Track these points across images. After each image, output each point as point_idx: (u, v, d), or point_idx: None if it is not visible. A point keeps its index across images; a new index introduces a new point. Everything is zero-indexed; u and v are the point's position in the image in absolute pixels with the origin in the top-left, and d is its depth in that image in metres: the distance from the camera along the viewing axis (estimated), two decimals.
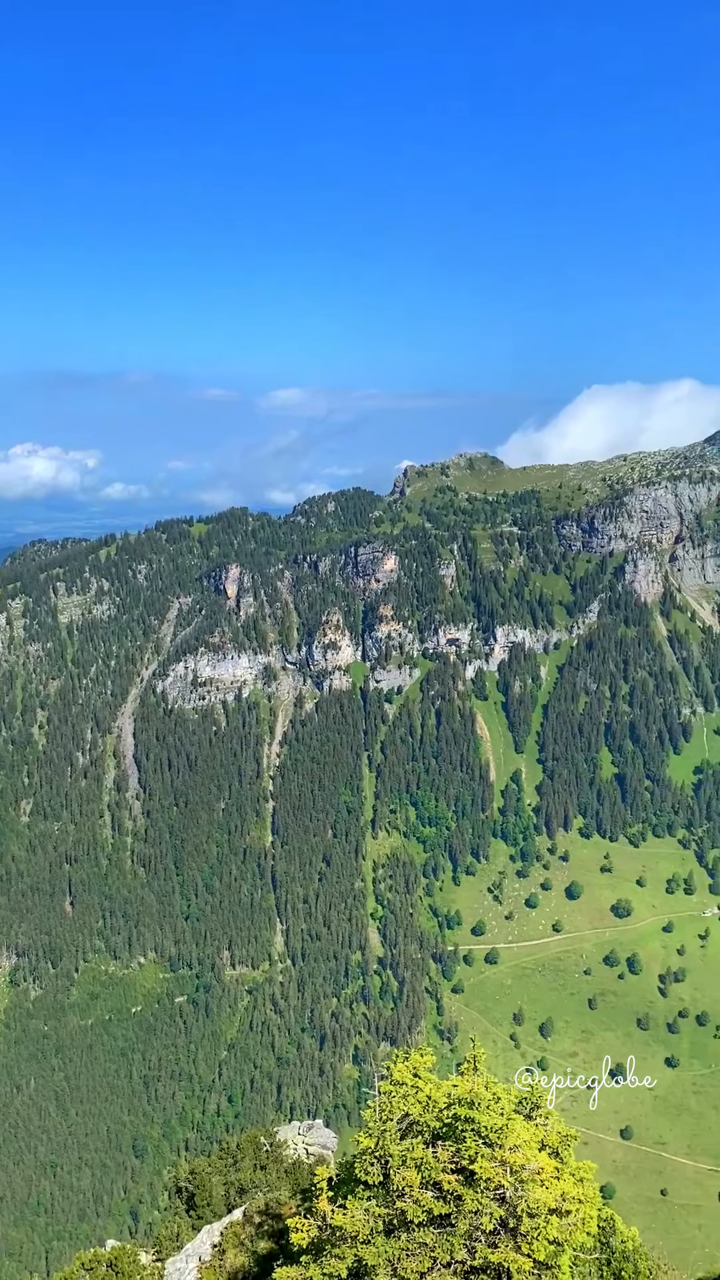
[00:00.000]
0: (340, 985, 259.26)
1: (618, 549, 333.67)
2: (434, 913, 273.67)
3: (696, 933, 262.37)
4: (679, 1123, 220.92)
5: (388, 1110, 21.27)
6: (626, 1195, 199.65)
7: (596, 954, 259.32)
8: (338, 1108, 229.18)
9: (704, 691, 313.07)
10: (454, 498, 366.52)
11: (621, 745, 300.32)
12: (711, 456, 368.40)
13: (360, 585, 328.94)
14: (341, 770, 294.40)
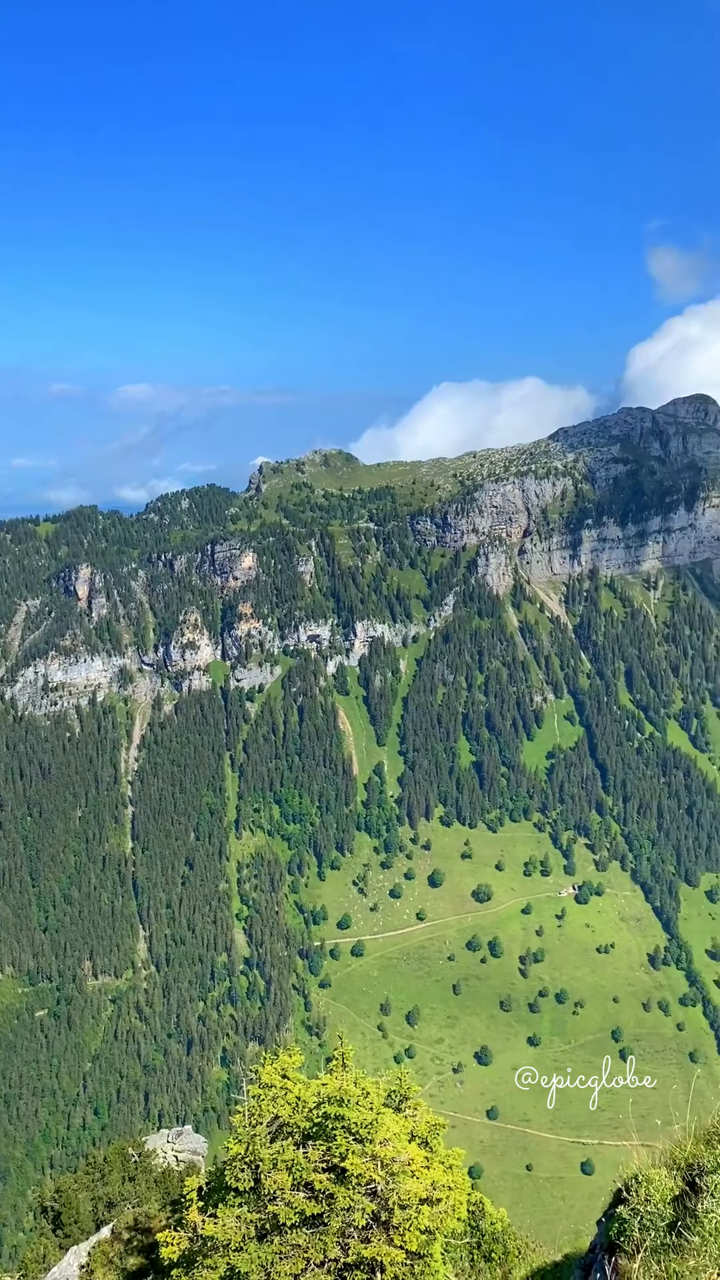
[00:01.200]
0: (207, 988, 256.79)
1: (470, 543, 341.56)
2: (300, 909, 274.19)
3: (553, 913, 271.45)
4: (542, 1099, 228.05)
5: (257, 1114, 21.05)
6: (494, 1173, 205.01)
7: (459, 940, 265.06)
8: (207, 1111, 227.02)
9: (554, 679, 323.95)
10: (310, 494, 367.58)
11: (478, 734, 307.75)
12: (555, 453, 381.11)
13: (218, 583, 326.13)
14: (203, 772, 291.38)
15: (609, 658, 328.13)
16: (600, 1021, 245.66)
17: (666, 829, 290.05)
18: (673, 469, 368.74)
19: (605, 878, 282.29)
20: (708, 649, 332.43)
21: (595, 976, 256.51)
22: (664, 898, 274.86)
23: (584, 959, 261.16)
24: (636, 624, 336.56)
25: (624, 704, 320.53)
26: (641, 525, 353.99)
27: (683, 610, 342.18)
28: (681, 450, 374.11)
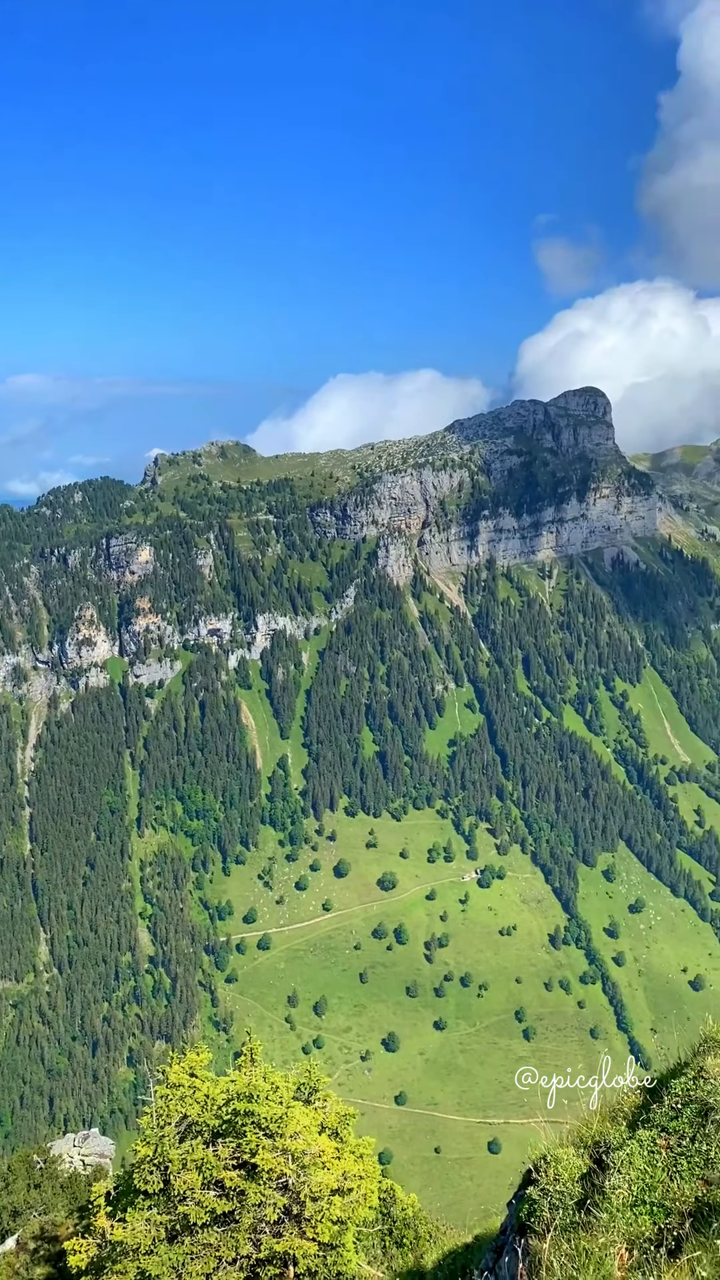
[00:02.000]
0: (111, 988, 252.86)
1: (370, 535, 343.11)
2: (205, 905, 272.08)
3: (457, 898, 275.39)
4: (449, 1082, 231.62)
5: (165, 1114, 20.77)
6: (403, 1158, 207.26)
7: (365, 928, 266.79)
8: (114, 1113, 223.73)
9: (454, 668, 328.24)
10: (208, 486, 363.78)
11: (381, 724, 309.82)
12: (452, 444, 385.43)
13: (114, 578, 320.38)
14: (103, 770, 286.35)
15: (507, 646, 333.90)
16: (504, 1003, 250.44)
17: (564, 811, 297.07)
18: (565, 460, 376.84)
19: (506, 861, 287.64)
20: (600, 635, 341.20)
21: (498, 958, 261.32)
22: (563, 878, 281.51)
23: (487, 942, 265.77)
24: (533, 612, 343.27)
25: (522, 691, 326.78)
26: (536, 516, 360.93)
27: (576, 598, 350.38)
28: (573, 442, 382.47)
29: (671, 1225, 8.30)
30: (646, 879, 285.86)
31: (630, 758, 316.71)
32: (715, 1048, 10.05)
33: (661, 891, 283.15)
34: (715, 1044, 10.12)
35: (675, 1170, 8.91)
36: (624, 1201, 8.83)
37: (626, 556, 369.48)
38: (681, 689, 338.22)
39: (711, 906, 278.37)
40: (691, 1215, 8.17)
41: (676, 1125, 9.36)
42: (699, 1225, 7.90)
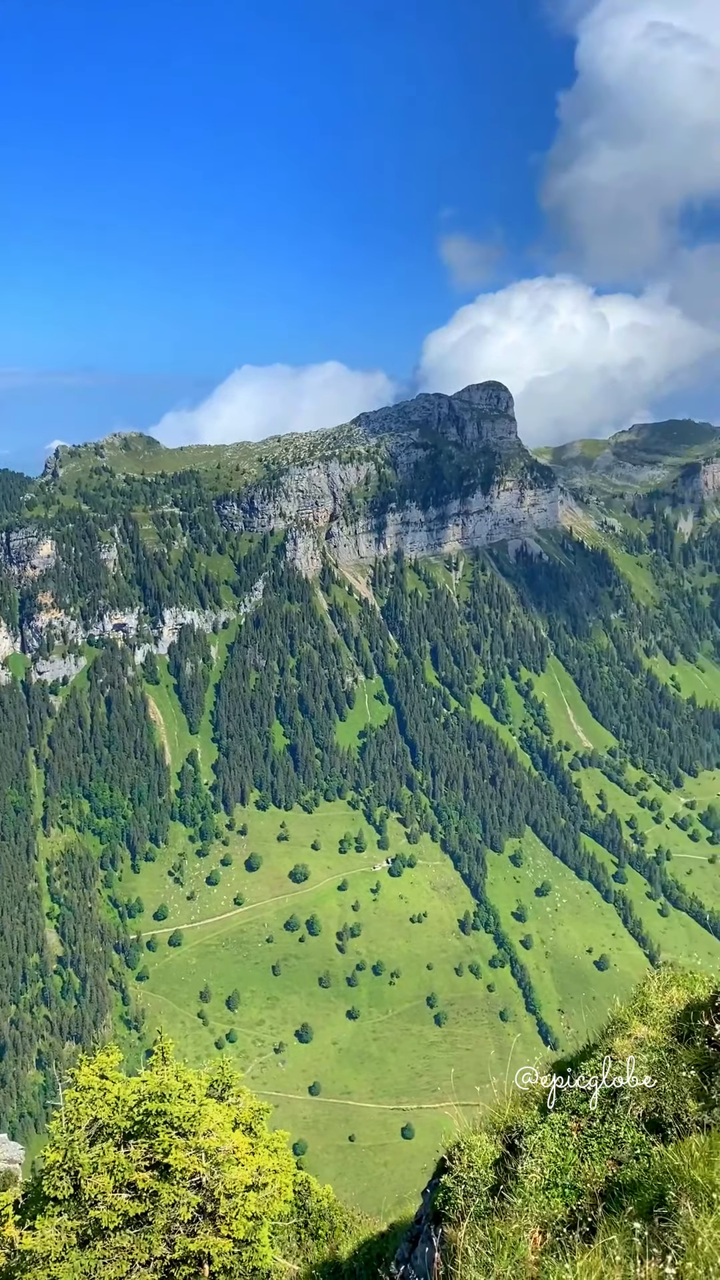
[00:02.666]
0: (19, 991, 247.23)
1: (278, 528, 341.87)
2: (114, 903, 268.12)
3: (369, 888, 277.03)
4: (362, 1070, 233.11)
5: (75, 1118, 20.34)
6: (318, 1148, 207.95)
7: (277, 921, 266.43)
8: (23, 1117, 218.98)
9: (364, 660, 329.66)
10: (111, 479, 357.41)
11: (292, 717, 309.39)
12: (358, 437, 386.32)
13: (14, 573, 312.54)
14: (6, 769, 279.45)
15: (415, 637, 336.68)
16: (416, 989, 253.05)
17: (473, 799, 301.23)
18: (469, 454, 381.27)
19: (417, 849, 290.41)
20: (506, 626, 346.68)
21: (410, 946, 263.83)
22: (472, 865, 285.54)
23: (398, 930, 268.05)
24: (440, 604, 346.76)
25: (430, 681, 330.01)
26: (442, 508, 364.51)
27: (482, 590, 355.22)
28: (477, 435, 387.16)
29: (583, 1206, 8.45)
30: (552, 863, 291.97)
31: (535, 745, 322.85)
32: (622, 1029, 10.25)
33: (567, 874, 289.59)
34: (622, 1025, 10.32)
35: (586, 1152, 9.07)
36: (536, 1185, 8.94)
37: (530, 548, 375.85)
38: (583, 677, 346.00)
39: (614, 888, 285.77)
40: (603, 1195, 8.33)
41: (586, 1107, 9.52)
42: (610, 1205, 8.06)
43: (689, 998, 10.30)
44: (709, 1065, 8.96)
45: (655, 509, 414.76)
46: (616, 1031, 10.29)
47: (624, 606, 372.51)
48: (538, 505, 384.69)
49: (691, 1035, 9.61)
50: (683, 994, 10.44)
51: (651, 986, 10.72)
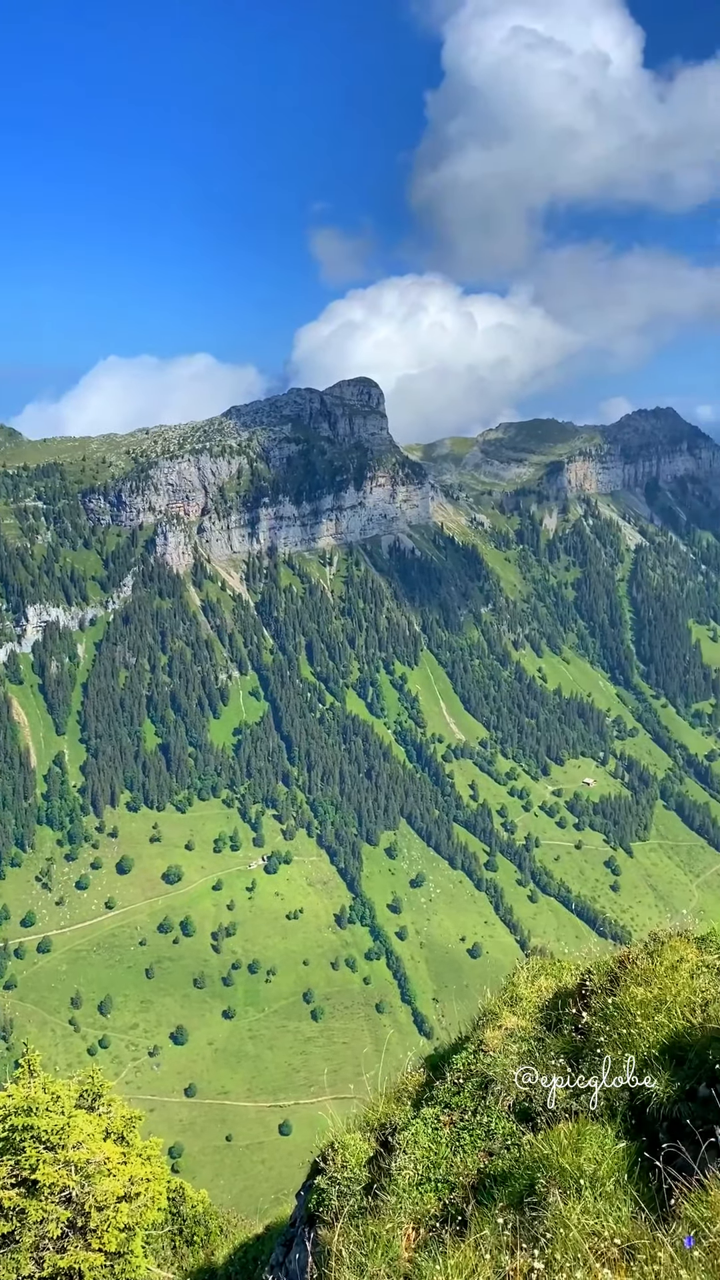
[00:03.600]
0: None
1: (147, 522, 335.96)
2: None
3: (244, 886, 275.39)
4: (239, 1069, 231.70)
5: None
6: (195, 1150, 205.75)
7: (151, 924, 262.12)
8: None
9: (238, 656, 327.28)
10: None
11: (164, 715, 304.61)
12: (230, 431, 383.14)
13: None
14: None
15: (290, 633, 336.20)
16: (292, 985, 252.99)
17: (348, 793, 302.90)
18: (342, 449, 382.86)
19: (293, 846, 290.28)
20: (380, 620, 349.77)
21: (286, 943, 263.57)
22: (348, 859, 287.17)
23: (274, 927, 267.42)
24: (314, 599, 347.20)
25: (306, 677, 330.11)
26: (315, 504, 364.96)
27: (356, 585, 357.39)
28: (349, 431, 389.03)
29: (456, 1200, 8.48)
30: (427, 854, 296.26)
31: (410, 738, 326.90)
32: (493, 1020, 10.35)
33: (440, 865, 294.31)
34: (493, 1016, 10.43)
35: (459, 1145, 9.11)
36: (410, 1181, 8.94)
37: (403, 544, 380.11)
38: (456, 670, 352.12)
39: (486, 876, 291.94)
40: (475, 1188, 8.38)
41: (459, 1100, 9.57)
42: (481, 1197, 8.11)
43: (557, 986, 10.49)
44: (576, 1052, 9.12)
45: (522, 506, 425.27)
46: (487, 1023, 10.39)
47: (494, 601, 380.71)
48: (410, 501, 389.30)
49: (560, 1023, 9.77)
50: (551, 983, 10.62)
51: (521, 977, 10.87)
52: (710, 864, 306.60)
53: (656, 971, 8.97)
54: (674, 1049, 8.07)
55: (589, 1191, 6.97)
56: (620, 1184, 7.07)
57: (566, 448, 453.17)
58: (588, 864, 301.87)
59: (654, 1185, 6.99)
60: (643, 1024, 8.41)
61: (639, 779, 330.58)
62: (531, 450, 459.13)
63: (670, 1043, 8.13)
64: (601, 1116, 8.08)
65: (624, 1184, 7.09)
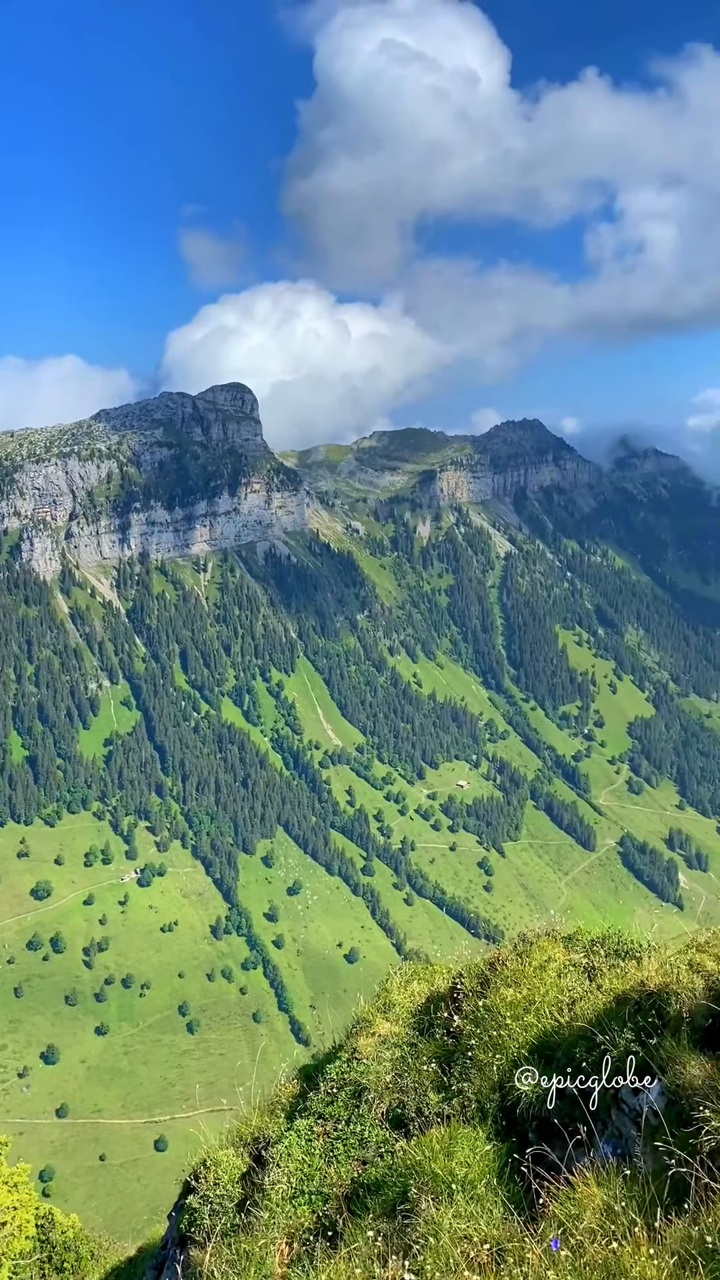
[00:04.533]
0: None
1: (12, 527, 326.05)
2: None
3: (116, 900, 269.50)
4: (113, 1087, 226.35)
5: None
6: (67, 1171, 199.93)
7: (19, 941, 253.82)
8: None
9: (108, 665, 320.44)
10: None
11: (30, 727, 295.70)
12: (99, 434, 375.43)
13: None
14: None
15: (163, 640, 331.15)
16: (167, 999, 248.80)
17: (224, 802, 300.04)
18: (215, 454, 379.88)
19: (167, 858, 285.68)
20: (256, 627, 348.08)
21: (160, 956, 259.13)
22: (224, 869, 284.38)
23: (148, 941, 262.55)
24: (189, 606, 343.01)
25: (180, 685, 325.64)
26: (189, 509, 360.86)
27: (231, 591, 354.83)
28: (222, 436, 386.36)
29: (330, 1211, 8.41)
30: (304, 861, 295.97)
31: (286, 745, 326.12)
32: (366, 1027, 10.34)
33: (318, 871, 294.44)
34: (366, 1024, 10.41)
35: (332, 1155, 9.05)
36: (283, 1195, 8.82)
37: (278, 550, 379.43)
38: (332, 676, 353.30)
39: (363, 881, 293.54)
40: (348, 1198, 8.33)
41: (333, 1110, 9.51)
42: (355, 1207, 8.06)
43: (430, 990, 10.55)
44: (448, 1056, 9.18)
45: (396, 513, 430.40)
46: (361, 1030, 10.36)
47: (369, 607, 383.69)
48: (285, 508, 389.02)
49: (432, 1028, 9.82)
50: (424, 987, 10.67)
51: (394, 982, 10.89)
52: (578, 861, 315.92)
53: (525, 972, 9.11)
54: (543, 1048, 8.21)
55: (460, 1195, 7.00)
56: (491, 1186, 7.14)
57: (439, 457, 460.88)
58: (462, 865, 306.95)
59: (524, 1186, 7.07)
60: (512, 1025, 8.53)
61: (510, 780, 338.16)
62: (405, 459, 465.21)
63: (539, 1042, 8.27)
64: (473, 1119, 8.15)
65: (494, 1186, 7.15)
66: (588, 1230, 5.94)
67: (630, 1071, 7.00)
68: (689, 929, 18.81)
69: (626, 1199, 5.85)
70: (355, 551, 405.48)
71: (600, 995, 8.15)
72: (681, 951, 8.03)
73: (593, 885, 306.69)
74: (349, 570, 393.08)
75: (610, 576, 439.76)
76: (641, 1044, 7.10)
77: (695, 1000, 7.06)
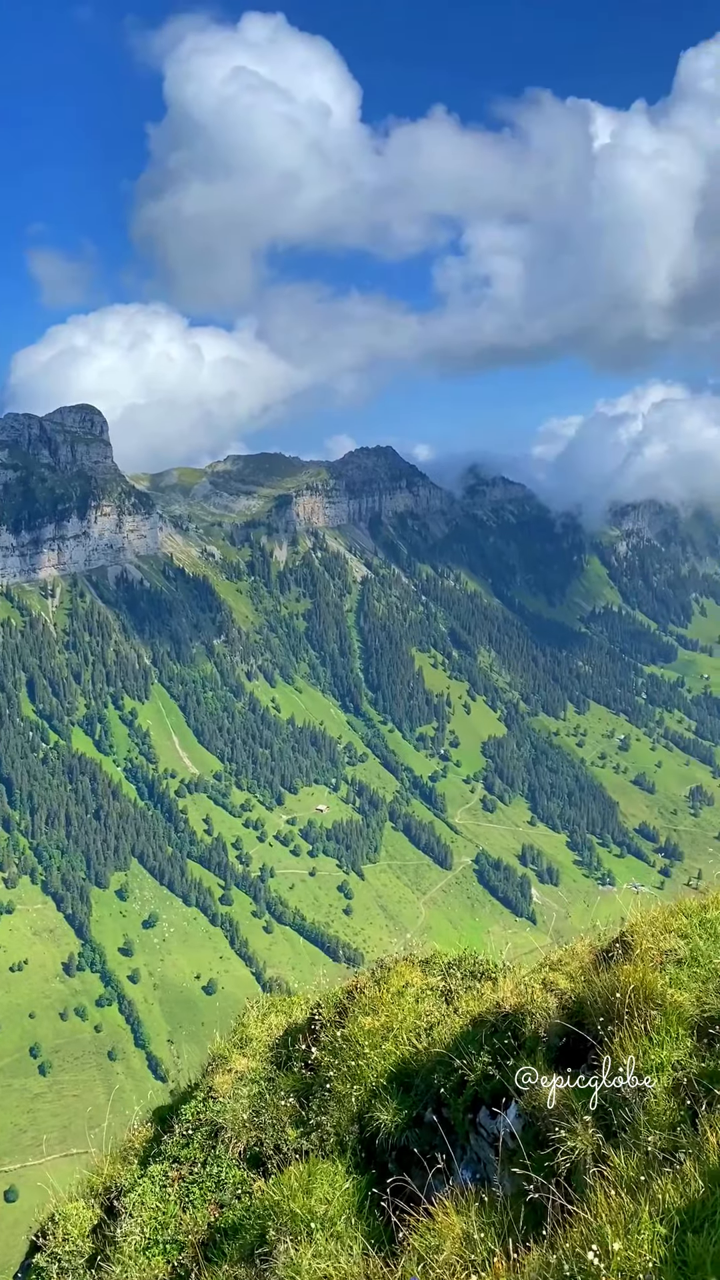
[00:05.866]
0: None
1: None
2: None
3: None
4: None
5: None
6: None
7: None
8: None
9: None
10: None
11: None
12: None
13: None
14: None
15: (9, 669, 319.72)
16: (17, 1041, 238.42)
17: (75, 835, 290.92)
18: (64, 477, 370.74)
19: (15, 894, 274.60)
20: (108, 654, 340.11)
21: (9, 997, 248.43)
22: (75, 904, 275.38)
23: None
24: (36, 633, 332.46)
25: (27, 714, 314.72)
26: (36, 533, 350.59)
27: (82, 617, 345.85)
28: (71, 459, 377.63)
29: (186, 1260, 8.08)
30: (160, 892, 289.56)
31: (141, 774, 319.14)
32: (222, 1064, 10.05)
33: (174, 903, 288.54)
34: (222, 1060, 10.13)
35: (188, 1201, 8.71)
36: (136, 1247, 8.43)
37: (131, 575, 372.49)
38: (188, 703, 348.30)
39: (221, 910, 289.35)
40: (205, 1244, 8.02)
41: (188, 1153, 9.18)
42: (211, 1253, 7.77)
43: (288, 1022, 10.34)
44: (307, 1089, 9.00)
45: (252, 537, 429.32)
46: (217, 1067, 10.07)
47: (226, 632, 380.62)
48: (138, 532, 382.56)
49: (290, 1061, 9.62)
50: (281, 1019, 10.47)
51: (251, 1016, 10.64)
52: (436, 881, 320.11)
53: (383, 999, 9.04)
54: (401, 1076, 8.14)
55: (320, 1234, 6.83)
56: (351, 1223, 6.99)
57: (294, 482, 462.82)
58: (322, 890, 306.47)
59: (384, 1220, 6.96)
60: (370, 1054, 8.43)
61: (369, 803, 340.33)
62: (260, 483, 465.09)
63: (397, 1070, 8.19)
64: (333, 1153, 7.99)
65: (354, 1223, 7.00)
66: (447, 1263, 5.87)
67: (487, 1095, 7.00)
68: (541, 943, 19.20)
69: (485, 1227, 5.82)
70: (211, 576, 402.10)
71: (457, 1018, 8.15)
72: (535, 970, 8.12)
73: (450, 904, 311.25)
74: (205, 595, 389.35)
75: (463, 600, 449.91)
76: (498, 1066, 7.12)
77: (550, 1020, 7.14)
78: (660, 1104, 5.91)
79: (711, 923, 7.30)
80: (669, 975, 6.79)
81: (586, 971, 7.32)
